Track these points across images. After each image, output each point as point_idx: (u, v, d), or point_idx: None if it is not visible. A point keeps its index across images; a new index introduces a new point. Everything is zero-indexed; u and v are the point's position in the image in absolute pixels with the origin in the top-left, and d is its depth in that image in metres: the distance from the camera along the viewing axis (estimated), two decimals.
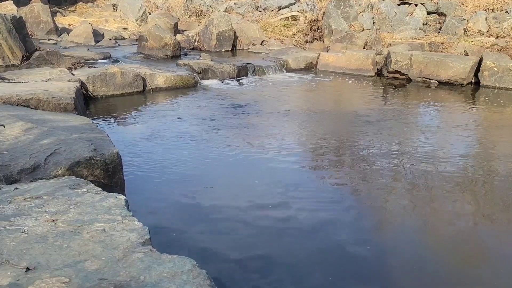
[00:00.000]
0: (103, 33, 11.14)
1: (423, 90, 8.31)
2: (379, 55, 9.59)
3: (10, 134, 3.14)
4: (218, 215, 3.27)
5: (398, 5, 12.06)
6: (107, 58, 8.39)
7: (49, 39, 10.23)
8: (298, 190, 3.74)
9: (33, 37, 9.21)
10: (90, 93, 6.22)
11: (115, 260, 1.64)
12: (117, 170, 2.96)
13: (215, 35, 10.59)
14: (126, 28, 12.34)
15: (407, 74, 8.97)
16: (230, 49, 10.84)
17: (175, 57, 9.16)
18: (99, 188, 2.35)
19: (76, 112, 4.54)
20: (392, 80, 9.04)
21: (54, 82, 5.40)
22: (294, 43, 11.40)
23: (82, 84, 6.03)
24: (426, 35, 10.98)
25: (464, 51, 9.89)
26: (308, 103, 7.06)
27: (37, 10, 10.63)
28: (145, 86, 6.87)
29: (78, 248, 1.72)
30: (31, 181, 2.52)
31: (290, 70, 9.31)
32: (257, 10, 13.39)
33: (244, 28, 11.46)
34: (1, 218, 1.93)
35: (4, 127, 3.26)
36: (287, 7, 13.28)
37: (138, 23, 12.78)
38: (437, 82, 8.74)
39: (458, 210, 3.49)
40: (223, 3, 13.97)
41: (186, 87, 7.32)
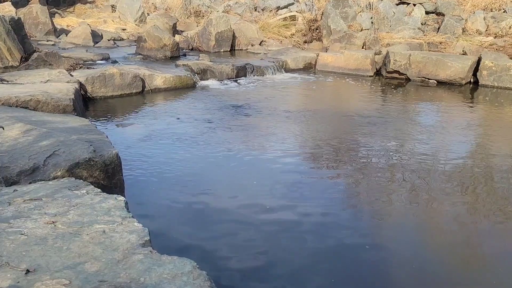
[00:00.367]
0: (101, 34, 11.12)
1: (422, 90, 8.32)
2: (378, 55, 9.59)
3: (9, 136, 3.13)
4: (218, 216, 3.27)
5: (397, 5, 12.08)
6: (105, 59, 8.38)
7: (47, 40, 10.21)
8: (298, 191, 3.74)
9: (31, 38, 9.20)
10: (89, 94, 6.22)
11: (115, 261, 1.64)
12: (116, 171, 2.95)
13: (213, 36, 10.60)
14: (125, 29, 12.33)
15: (406, 74, 8.98)
16: (229, 49, 10.84)
17: (174, 57, 9.15)
18: (99, 190, 2.34)
19: (75, 113, 4.53)
20: (391, 80, 9.05)
21: (53, 83, 5.39)
22: (293, 43, 11.40)
23: (81, 85, 6.02)
24: (424, 35, 10.99)
25: (462, 51, 9.90)
26: (307, 103, 7.06)
27: (35, 11, 10.61)
28: (144, 87, 6.87)
29: (78, 250, 1.71)
30: (30, 182, 2.52)
31: (289, 70, 9.31)
32: (255, 10, 13.39)
33: (243, 28, 11.46)
34: (0, 220, 1.92)
35: (3, 128, 3.26)
36: (285, 7, 13.27)
37: (136, 24, 12.77)
38: (436, 82, 8.75)
39: (458, 209, 3.50)
40: (222, 4, 13.97)
41: (185, 88, 7.32)
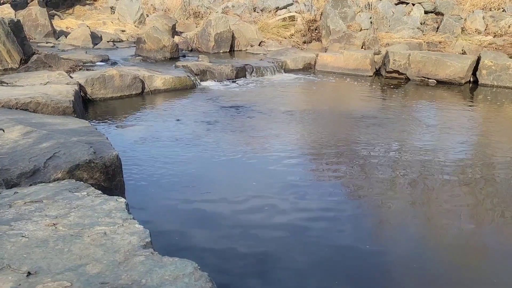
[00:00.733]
0: (101, 35, 11.13)
1: (421, 90, 8.32)
2: (377, 54, 9.60)
3: (10, 138, 3.13)
4: (219, 217, 3.27)
5: (396, 4, 12.08)
6: (105, 60, 8.38)
7: (47, 42, 10.22)
8: (298, 191, 3.73)
9: (31, 40, 9.20)
10: (88, 96, 6.22)
11: (116, 263, 1.64)
12: (117, 173, 2.95)
13: (213, 37, 10.60)
14: (124, 31, 12.33)
15: (405, 74, 8.98)
16: (228, 50, 10.85)
17: (173, 59, 9.16)
18: (99, 191, 2.34)
19: (75, 115, 4.53)
20: (390, 79, 9.05)
21: (53, 85, 5.39)
22: (292, 44, 11.40)
23: (81, 87, 6.02)
24: (424, 35, 11.00)
25: (462, 50, 9.91)
26: (307, 103, 7.06)
27: (34, 13, 10.62)
28: (143, 88, 6.87)
29: (79, 251, 1.71)
30: (31, 185, 2.51)
31: (289, 71, 9.31)
32: (254, 11, 13.40)
33: (242, 29, 11.46)
34: (1, 223, 1.92)
35: (3, 131, 3.26)
36: (284, 7, 13.28)
37: (136, 25, 12.78)
38: (435, 81, 8.75)
39: (459, 209, 3.49)
40: (221, 5, 13.97)
41: (185, 89, 7.32)
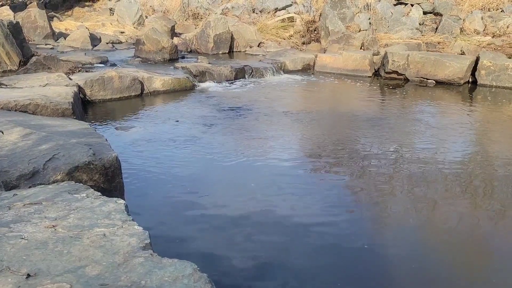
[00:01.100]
0: (100, 37, 11.13)
1: (420, 90, 8.32)
2: (376, 55, 9.61)
3: (9, 140, 3.13)
4: (218, 218, 3.27)
5: (394, 5, 12.10)
6: (104, 62, 8.38)
7: (46, 44, 10.22)
8: (298, 192, 3.74)
9: (30, 42, 9.19)
10: (88, 97, 6.22)
11: (115, 265, 1.64)
12: (116, 174, 2.95)
13: (212, 38, 10.61)
14: (123, 32, 12.33)
15: (404, 74, 8.99)
16: (227, 51, 10.85)
17: (173, 60, 9.16)
18: (99, 193, 2.34)
19: (74, 117, 4.53)
20: (389, 80, 9.05)
21: (52, 87, 5.38)
22: (291, 45, 11.41)
23: (80, 88, 6.02)
24: (422, 35, 11.01)
25: (460, 51, 9.92)
26: (306, 104, 7.07)
27: (33, 15, 10.62)
28: (143, 89, 6.87)
29: (79, 253, 1.71)
30: (30, 186, 2.51)
31: (288, 72, 9.32)
32: (253, 12, 13.41)
33: (241, 30, 11.47)
34: (0, 225, 1.92)
35: (2, 133, 3.25)
36: (283, 8, 13.28)
37: (135, 27, 12.78)
38: (434, 82, 8.76)
39: (458, 209, 3.50)
40: (220, 6, 13.98)
41: (184, 90, 7.32)
